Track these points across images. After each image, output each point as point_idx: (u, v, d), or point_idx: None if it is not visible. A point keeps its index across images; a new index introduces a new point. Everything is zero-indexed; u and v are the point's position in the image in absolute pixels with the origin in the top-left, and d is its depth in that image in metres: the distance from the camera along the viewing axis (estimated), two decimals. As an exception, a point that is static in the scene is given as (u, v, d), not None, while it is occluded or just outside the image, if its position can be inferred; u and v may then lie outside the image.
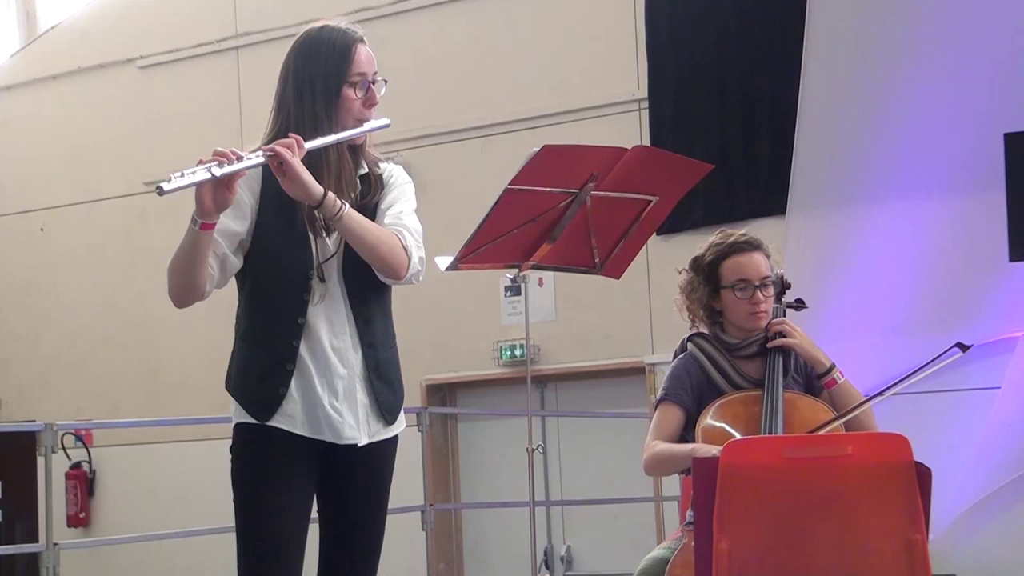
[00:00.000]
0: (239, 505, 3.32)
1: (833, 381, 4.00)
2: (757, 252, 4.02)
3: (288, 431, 3.27)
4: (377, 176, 3.40)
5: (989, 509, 6.88)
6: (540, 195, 4.26)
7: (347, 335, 3.32)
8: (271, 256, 3.29)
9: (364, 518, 3.38)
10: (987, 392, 6.95)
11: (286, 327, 3.27)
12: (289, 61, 3.36)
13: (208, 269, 3.22)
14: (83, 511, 10.83)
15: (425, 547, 7.73)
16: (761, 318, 4.00)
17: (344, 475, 3.36)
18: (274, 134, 3.31)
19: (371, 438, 3.37)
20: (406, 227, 3.34)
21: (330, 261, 3.31)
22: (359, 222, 3.23)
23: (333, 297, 3.31)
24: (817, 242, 7.47)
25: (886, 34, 7.45)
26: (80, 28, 11.31)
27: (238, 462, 3.33)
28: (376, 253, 3.25)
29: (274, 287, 3.30)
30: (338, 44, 3.32)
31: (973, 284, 7.08)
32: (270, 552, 3.27)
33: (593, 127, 9.17)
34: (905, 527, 3.30)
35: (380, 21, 10.07)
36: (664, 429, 3.94)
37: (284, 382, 3.27)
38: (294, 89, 3.32)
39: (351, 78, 3.32)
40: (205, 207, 3.10)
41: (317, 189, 3.17)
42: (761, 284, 3.98)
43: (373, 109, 3.36)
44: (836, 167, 7.52)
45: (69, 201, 11.11)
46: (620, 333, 9.24)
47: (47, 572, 6.27)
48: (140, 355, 10.70)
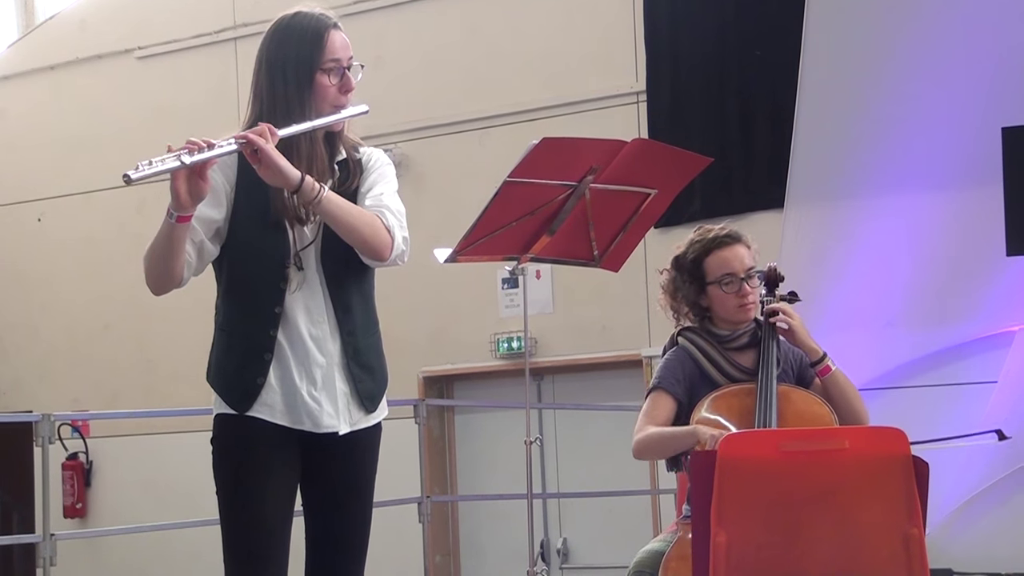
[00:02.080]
0: (222, 498, 3.29)
1: (827, 368, 3.98)
2: (739, 244, 4.00)
3: (267, 421, 3.25)
4: (356, 161, 3.36)
5: (985, 503, 6.89)
6: (539, 187, 4.26)
7: (325, 323, 3.28)
8: (247, 245, 3.27)
9: (348, 507, 3.34)
10: (984, 386, 6.95)
11: (263, 316, 3.25)
12: (263, 49, 3.32)
13: (185, 257, 3.19)
14: (80, 502, 10.84)
15: (422, 539, 7.73)
16: (750, 309, 3.99)
17: (326, 464, 3.32)
18: (250, 123, 3.28)
19: (352, 426, 3.31)
20: (388, 208, 3.30)
21: (308, 249, 3.27)
22: (339, 204, 3.19)
23: (311, 285, 3.27)
24: (815, 235, 7.47)
25: (884, 27, 7.45)
26: (78, 18, 11.30)
27: (219, 454, 3.31)
28: (358, 235, 3.21)
29: (250, 276, 3.27)
30: (310, 30, 3.28)
31: (970, 278, 7.08)
32: (255, 544, 3.25)
33: (591, 120, 9.18)
34: (902, 521, 3.31)
35: (379, 12, 10.07)
36: (656, 417, 3.93)
37: (262, 372, 3.24)
38: (267, 77, 3.29)
39: (325, 64, 3.27)
40: (180, 199, 3.06)
41: (294, 174, 3.12)
42: (747, 276, 3.97)
43: (350, 95, 3.32)
44: (834, 161, 7.52)
45: (66, 192, 11.11)
46: (617, 326, 9.25)
47: (44, 563, 6.27)
48: (137, 346, 10.71)
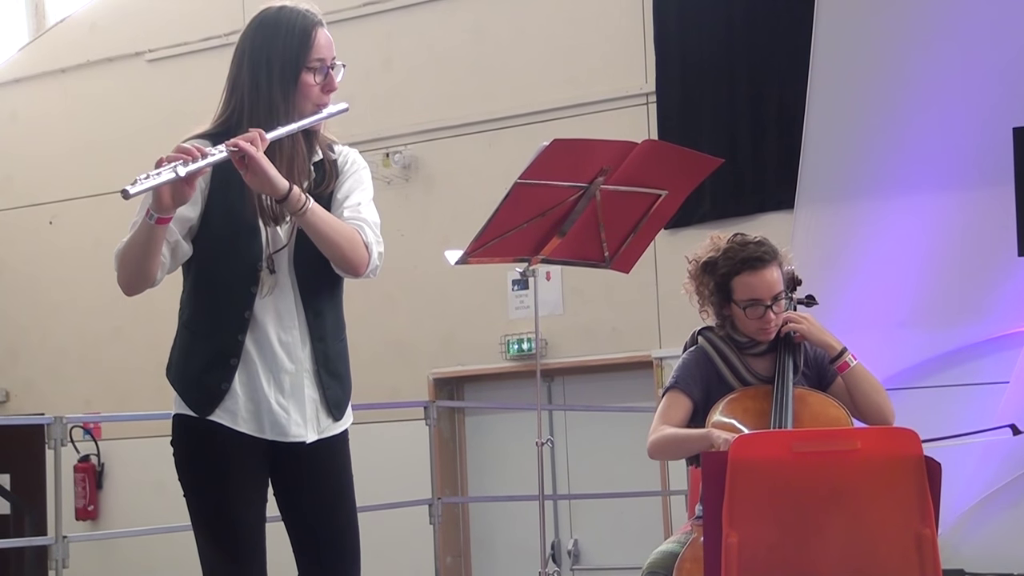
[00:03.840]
0: (192, 507, 3.22)
1: (846, 364, 3.94)
2: (770, 267, 3.91)
3: (229, 427, 3.17)
4: (332, 162, 3.28)
5: (998, 503, 6.87)
6: (550, 189, 4.26)
7: (296, 328, 3.20)
8: (219, 245, 3.17)
9: (324, 515, 3.25)
10: (996, 386, 6.94)
11: (232, 320, 3.16)
12: (245, 42, 3.24)
13: (160, 258, 3.11)
14: (92, 504, 10.86)
15: (433, 540, 7.73)
16: (771, 333, 3.95)
17: (294, 473, 3.24)
18: (225, 117, 3.23)
19: (320, 434, 3.24)
20: (366, 221, 3.21)
21: (281, 252, 3.19)
22: (322, 217, 3.11)
23: (283, 289, 3.19)
24: (825, 236, 7.45)
25: (894, 28, 7.43)
26: (88, 22, 11.32)
27: (182, 458, 3.23)
28: (337, 250, 3.13)
29: (220, 277, 3.18)
30: (298, 27, 3.20)
31: (981, 278, 7.06)
32: (230, 552, 3.18)
33: (601, 121, 9.17)
34: (915, 521, 3.30)
35: (388, 14, 10.08)
36: (671, 417, 3.92)
37: (227, 377, 3.15)
38: (249, 72, 3.20)
39: (310, 63, 3.20)
40: (163, 202, 2.98)
41: (283, 184, 3.04)
42: (773, 301, 3.92)
43: (331, 94, 3.26)
44: (844, 161, 7.50)
45: (78, 194, 11.13)
46: (628, 327, 9.24)
47: (56, 565, 6.27)
48: (148, 348, 10.70)
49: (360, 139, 8.87)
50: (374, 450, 8.28)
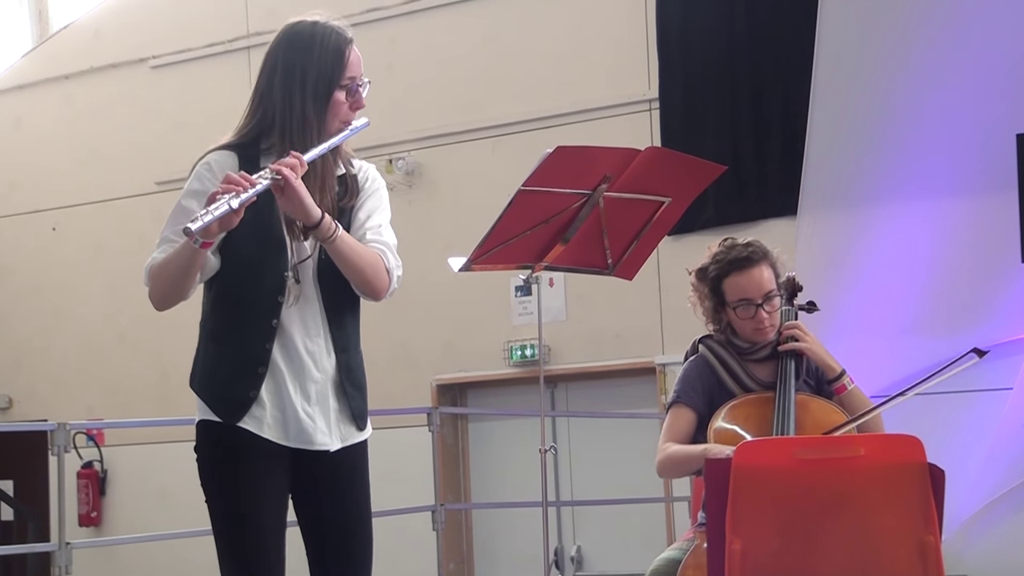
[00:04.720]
0: (214, 512, 3.25)
1: (843, 387, 4.00)
2: (758, 266, 3.95)
3: (255, 433, 3.20)
4: (352, 176, 3.33)
5: (1001, 510, 6.86)
6: (553, 196, 4.26)
7: (321, 338, 3.25)
8: (247, 257, 3.21)
9: (345, 524, 3.29)
10: (999, 393, 6.93)
11: (259, 329, 3.20)
12: (277, 54, 3.26)
13: (197, 276, 3.18)
14: (95, 510, 10.86)
15: (436, 547, 7.73)
16: (767, 332, 3.97)
17: (318, 481, 3.27)
18: (251, 128, 3.26)
19: (343, 442, 3.28)
20: (388, 245, 3.28)
21: (306, 263, 3.23)
22: (350, 245, 3.18)
23: (308, 299, 3.24)
24: (828, 243, 7.45)
25: (898, 34, 7.43)
26: (92, 28, 11.34)
27: (206, 464, 3.26)
28: (361, 276, 3.21)
29: (248, 288, 3.21)
30: (332, 45, 3.24)
31: (985, 285, 7.06)
32: (251, 557, 3.21)
33: (604, 127, 9.18)
34: (918, 528, 3.30)
35: (392, 21, 10.09)
36: (676, 432, 3.94)
37: (255, 385, 3.19)
38: (282, 85, 3.23)
39: (343, 81, 3.26)
40: (211, 231, 3.02)
41: (316, 212, 3.10)
42: (764, 300, 3.95)
43: (357, 112, 3.31)
44: (847, 168, 7.50)
45: (81, 201, 11.14)
46: (631, 333, 9.24)
47: (59, 571, 6.28)
48: (151, 355, 10.72)
49: (363, 145, 8.86)
50: (377, 456, 8.22)
